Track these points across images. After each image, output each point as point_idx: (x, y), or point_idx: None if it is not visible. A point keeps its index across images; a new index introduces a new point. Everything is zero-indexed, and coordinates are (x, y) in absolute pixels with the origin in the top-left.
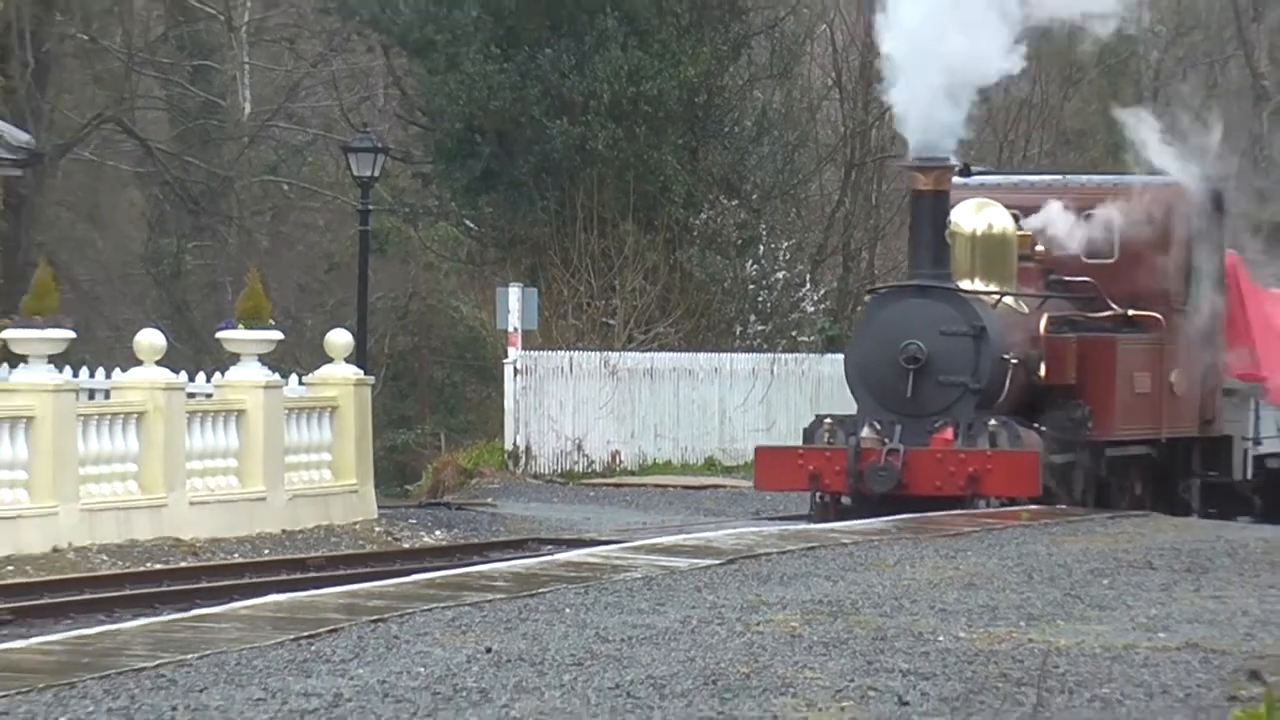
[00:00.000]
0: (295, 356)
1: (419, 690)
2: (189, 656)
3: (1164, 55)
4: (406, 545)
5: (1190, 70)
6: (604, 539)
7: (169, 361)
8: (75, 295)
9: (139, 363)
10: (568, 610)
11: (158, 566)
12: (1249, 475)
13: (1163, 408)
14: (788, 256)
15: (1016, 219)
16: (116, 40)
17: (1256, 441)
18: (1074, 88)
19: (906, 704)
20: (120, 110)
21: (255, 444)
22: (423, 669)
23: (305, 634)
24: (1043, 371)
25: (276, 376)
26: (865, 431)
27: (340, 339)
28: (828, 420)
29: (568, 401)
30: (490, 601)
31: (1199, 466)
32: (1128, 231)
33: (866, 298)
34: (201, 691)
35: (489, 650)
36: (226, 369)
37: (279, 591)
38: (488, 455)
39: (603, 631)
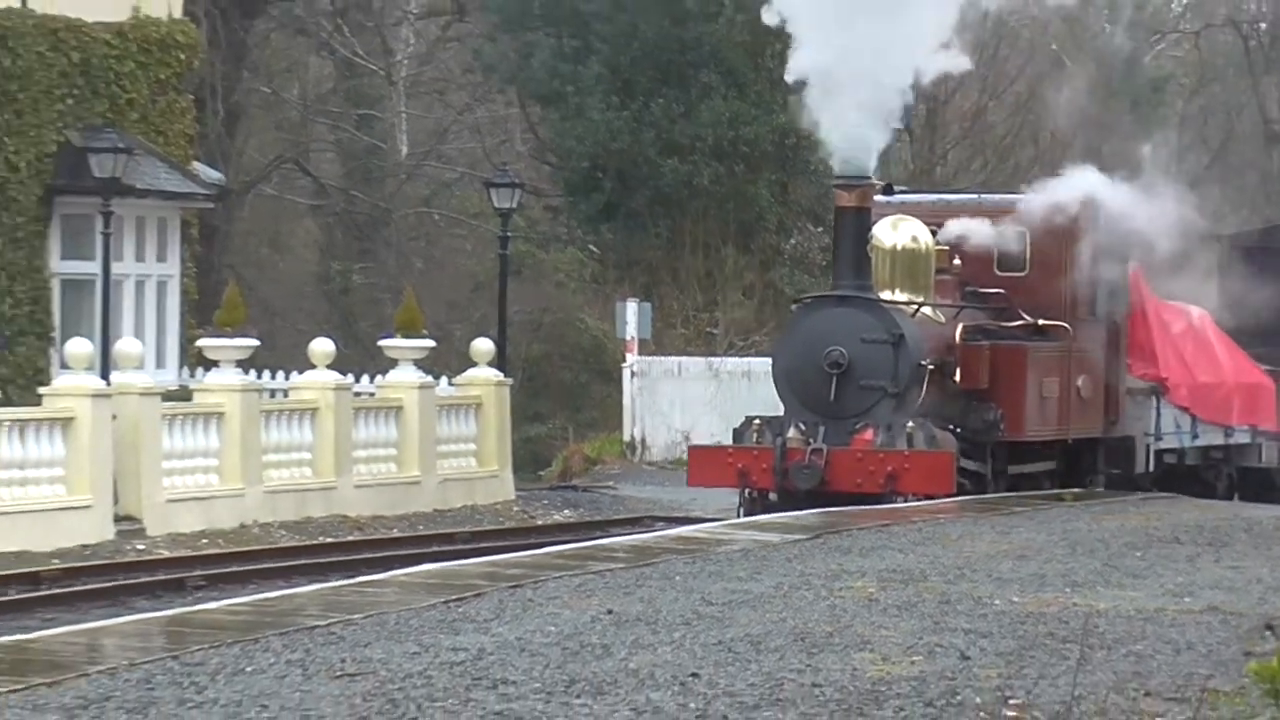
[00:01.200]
0: (445, 361)
1: (550, 645)
2: (355, 616)
3: (1187, 104)
4: (539, 522)
5: (1210, 117)
6: (708, 517)
7: (338, 366)
8: (259, 309)
9: (313, 367)
10: (677, 578)
11: (328, 540)
12: (1150, 469)
13: (1070, 410)
14: None
15: (934, 234)
16: (294, 93)
17: (1157, 437)
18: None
19: (968, 658)
20: (297, 152)
21: (411, 436)
22: (554, 627)
23: (454, 597)
24: (958, 377)
25: (429, 378)
26: (791, 432)
27: (484, 346)
28: (756, 421)
29: (677, 400)
30: (611, 570)
31: (1104, 463)
32: (1038, 246)
33: (793, 306)
34: (366, 646)
35: (610, 612)
36: (387, 372)
37: (431, 561)
38: (609, 445)
39: (707, 596)
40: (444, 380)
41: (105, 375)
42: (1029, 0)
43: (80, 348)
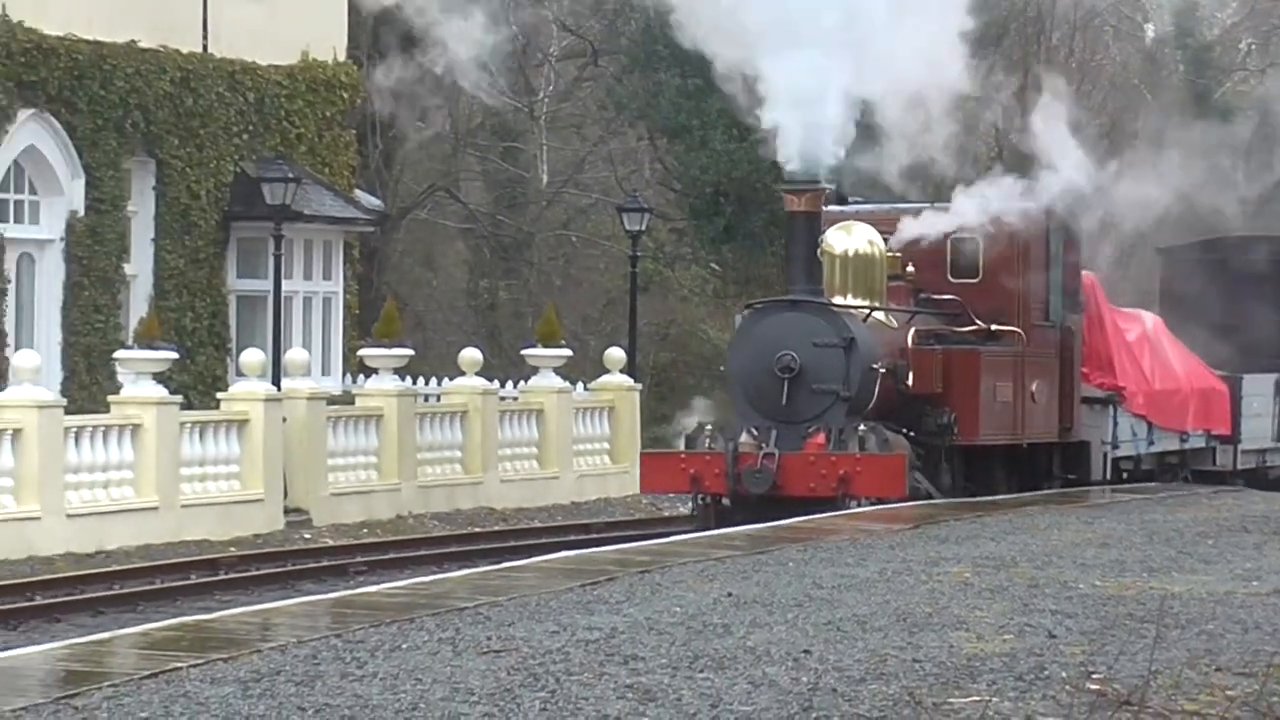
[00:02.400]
0: (581, 369)
1: (676, 625)
2: (500, 598)
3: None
4: (665, 514)
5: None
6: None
7: (484, 373)
8: (414, 322)
9: (462, 373)
10: (790, 564)
11: (475, 530)
12: (1107, 476)
13: (1024, 415)
14: None
15: (887, 241)
16: (446, 128)
17: (1114, 445)
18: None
19: (1054, 636)
20: (449, 181)
21: (551, 435)
22: (679, 608)
23: (589, 581)
24: (910, 381)
25: (567, 384)
26: (743, 437)
27: (616, 355)
28: (709, 426)
29: None
30: (731, 557)
31: (1059, 469)
32: (991, 253)
33: (745, 311)
34: (509, 625)
35: (730, 594)
36: (529, 378)
37: (569, 549)
38: None
39: (818, 580)
40: (580, 386)
41: (276, 382)
42: (1111, 41)
43: (254, 357)
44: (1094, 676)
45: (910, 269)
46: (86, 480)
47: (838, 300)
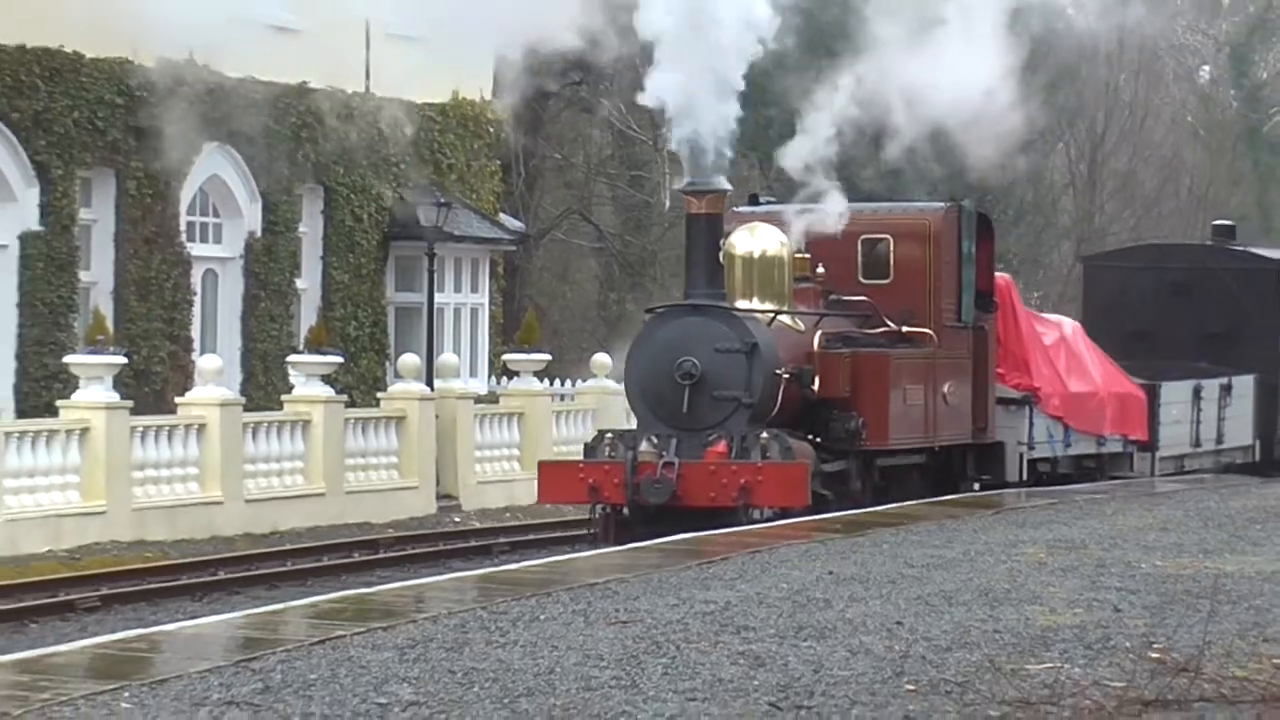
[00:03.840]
0: None
1: (783, 599)
2: (626, 575)
3: None
4: None
5: None
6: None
7: (614, 375)
8: (551, 331)
9: (594, 376)
10: (885, 545)
11: None
12: (1023, 477)
13: (936, 417)
14: (1036, 304)
15: (799, 243)
16: (580, 159)
17: (1030, 446)
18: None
19: (1119, 610)
20: (582, 206)
21: None
22: (785, 584)
23: (705, 561)
24: (817, 385)
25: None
26: (643, 445)
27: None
28: (609, 435)
29: None
30: (831, 539)
31: (973, 470)
32: (903, 254)
33: (646, 316)
34: (635, 599)
35: (830, 572)
36: None
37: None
38: None
39: (909, 560)
40: None
41: (430, 383)
42: (1170, 83)
43: (410, 361)
44: (1154, 646)
45: (820, 270)
46: (263, 469)
47: (743, 304)
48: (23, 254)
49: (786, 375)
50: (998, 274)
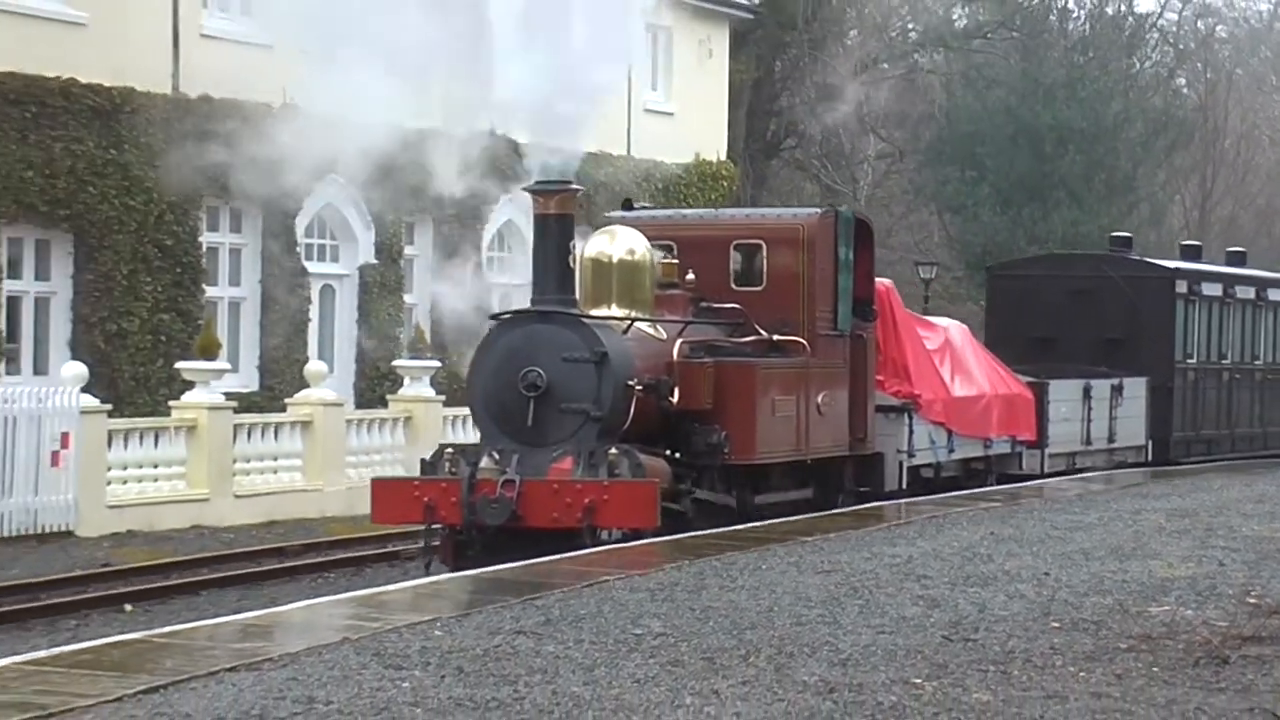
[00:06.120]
0: None
1: (954, 554)
2: (829, 535)
3: None
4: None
5: None
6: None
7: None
8: None
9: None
10: (1035, 512)
11: None
12: (904, 485)
13: (809, 429)
14: None
15: (671, 249)
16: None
17: (910, 454)
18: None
19: (1224, 565)
20: None
21: None
22: (955, 543)
23: (892, 524)
24: (676, 397)
25: None
26: (484, 461)
27: None
28: (449, 450)
29: None
30: (993, 508)
31: (851, 481)
32: (776, 260)
33: (490, 322)
34: (837, 553)
35: (991, 533)
36: None
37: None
38: None
39: (1054, 524)
40: None
41: None
42: (1267, 145)
43: None
44: (1251, 594)
45: (691, 277)
46: (364, 461)
47: (603, 310)
48: (361, 281)
49: (640, 386)
50: (879, 280)
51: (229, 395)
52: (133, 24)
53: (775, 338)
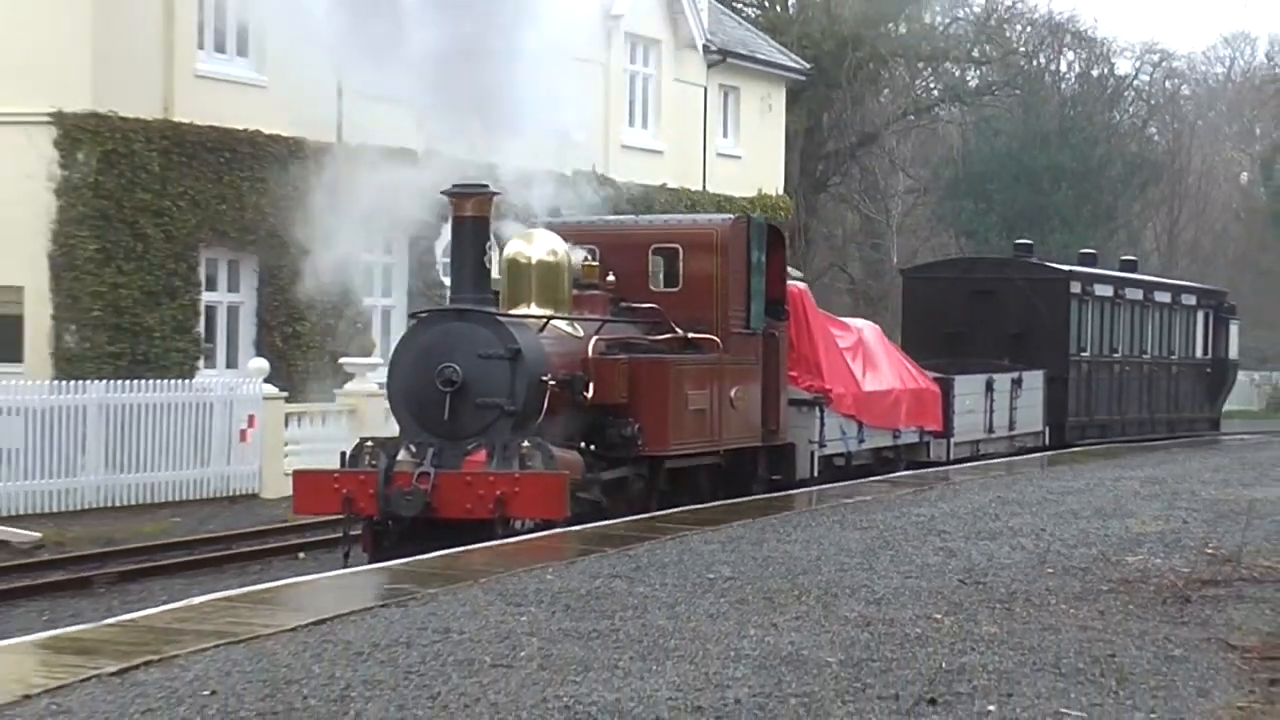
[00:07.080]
0: None
1: (967, 514)
2: (865, 498)
3: None
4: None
5: None
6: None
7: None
8: None
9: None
10: (1034, 479)
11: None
12: (815, 473)
13: (722, 422)
14: None
15: (594, 253)
16: (839, 232)
17: (822, 445)
18: None
19: (1186, 523)
20: (840, 263)
21: None
22: (968, 505)
23: (918, 489)
24: (590, 392)
25: None
26: (402, 454)
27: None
28: (369, 443)
29: None
30: (998, 476)
31: (764, 470)
32: (692, 264)
33: (410, 320)
34: (871, 514)
35: (998, 497)
36: None
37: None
38: None
39: (1050, 488)
40: None
41: None
42: (1223, 181)
43: None
44: (1209, 546)
45: (611, 278)
46: None
47: (520, 310)
48: None
49: (554, 382)
50: (792, 283)
51: (381, 385)
52: (305, 86)
53: (690, 335)
